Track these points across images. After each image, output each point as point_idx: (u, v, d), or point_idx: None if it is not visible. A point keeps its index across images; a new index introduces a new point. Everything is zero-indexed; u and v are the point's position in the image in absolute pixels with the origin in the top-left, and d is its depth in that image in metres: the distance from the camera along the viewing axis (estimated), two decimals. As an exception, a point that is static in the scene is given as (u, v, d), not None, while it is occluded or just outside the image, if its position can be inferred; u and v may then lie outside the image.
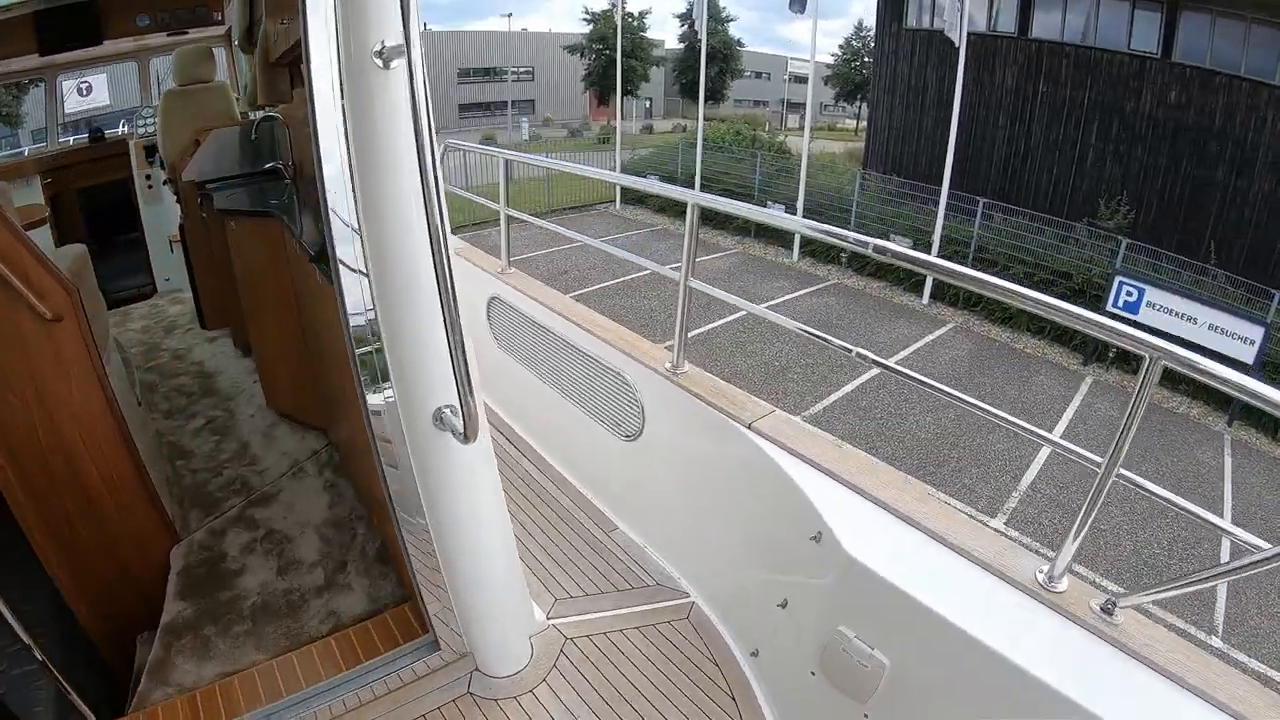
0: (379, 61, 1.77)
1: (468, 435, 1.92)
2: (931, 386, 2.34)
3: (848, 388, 12.31)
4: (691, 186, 21.76)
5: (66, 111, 6.84)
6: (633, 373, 3.47)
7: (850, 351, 2.57)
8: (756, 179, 21.20)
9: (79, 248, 3.68)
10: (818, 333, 2.79)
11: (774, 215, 2.92)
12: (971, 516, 8.88)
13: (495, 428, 4.54)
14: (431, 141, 1.61)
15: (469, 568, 2.52)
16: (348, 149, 1.89)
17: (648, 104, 57.04)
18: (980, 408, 2.19)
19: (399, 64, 1.76)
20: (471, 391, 1.88)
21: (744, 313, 14.81)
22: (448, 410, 2.15)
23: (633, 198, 24.49)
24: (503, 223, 4.72)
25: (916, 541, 2.21)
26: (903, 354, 13.76)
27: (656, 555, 3.51)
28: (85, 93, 7.01)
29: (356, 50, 1.78)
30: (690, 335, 13.38)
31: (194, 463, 3.91)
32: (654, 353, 3.48)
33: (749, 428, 2.84)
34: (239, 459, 3.98)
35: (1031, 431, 2.12)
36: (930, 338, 14.70)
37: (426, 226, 1.74)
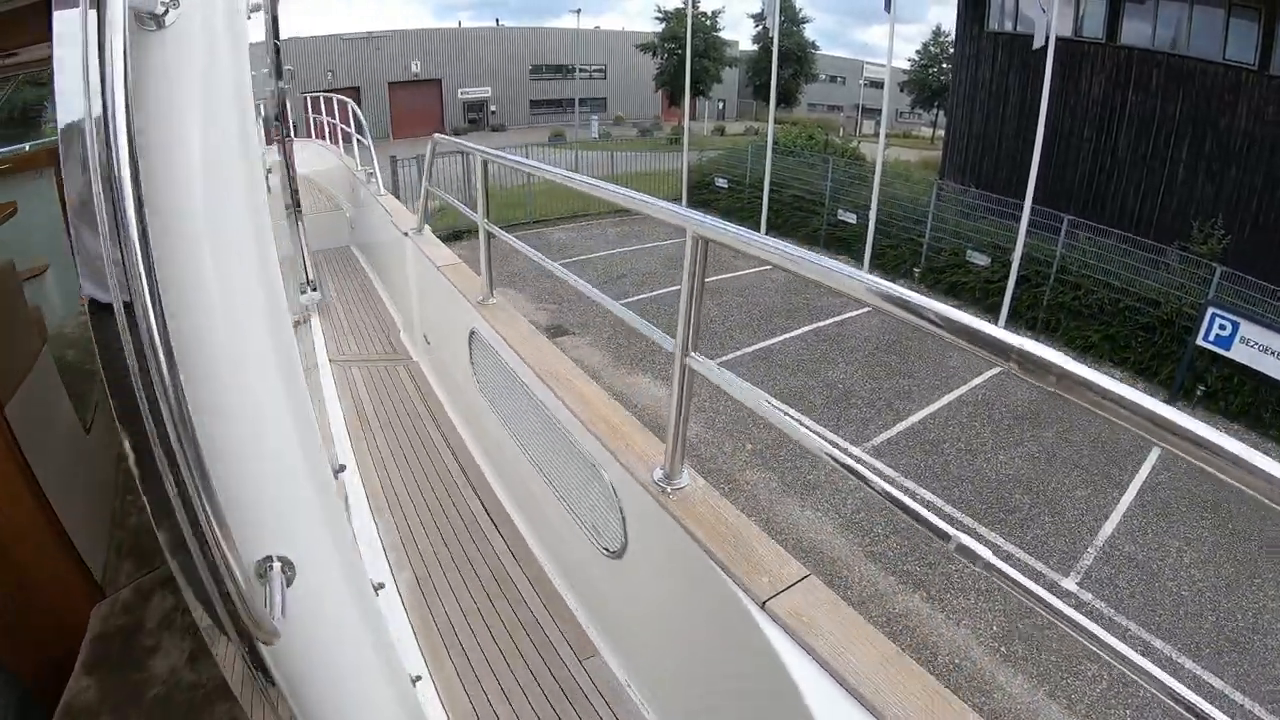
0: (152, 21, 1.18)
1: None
2: None
3: (914, 418, 11.58)
4: (760, 191, 21.21)
5: None
6: (614, 475, 2.62)
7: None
8: (828, 185, 20.50)
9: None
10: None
11: (794, 254, 1.77)
12: (1042, 574, 8.37)
13: (472, 485, 4.20)
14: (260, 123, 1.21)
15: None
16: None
17: (720, 105, 56.58)
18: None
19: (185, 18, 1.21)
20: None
21: (810, 328, 14.70)
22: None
23: (699, 199, 23.94)
24: (482, 238, 4.05)
25: None
26: (965, 389, 12.72)
27: (636, 696, 2.79)
28: None
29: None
30: (750, 349, 12.46)
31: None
32: (645, 450, 2.60)
33: (762, 607, 1.93)
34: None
35: None
36: (998, 369, 13.04)
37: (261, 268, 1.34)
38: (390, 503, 4.08)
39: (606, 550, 2.78)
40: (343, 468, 4.07)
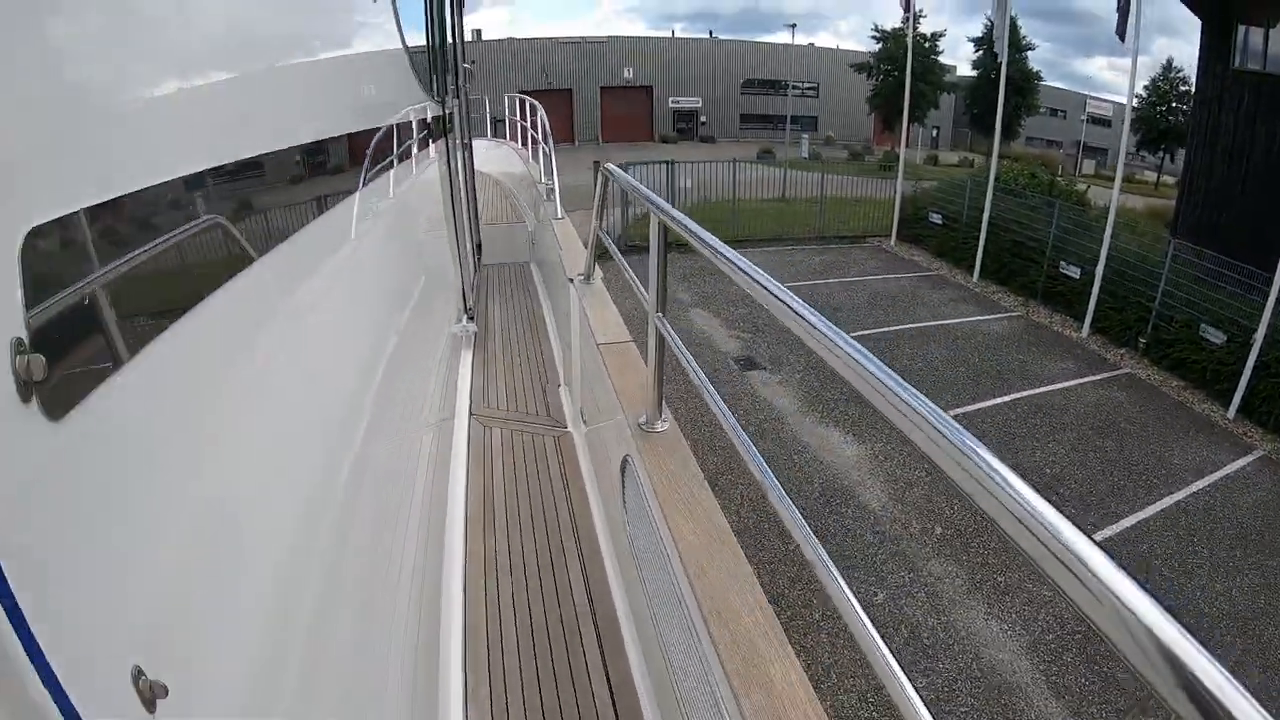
0: None
1: None
2: None
3: (1125, 522, 10.09)
4: (976, 231, 20.41)
5: None
6: None
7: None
8: (1052, 233, 18.94)
9: None
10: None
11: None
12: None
13: (602, 650, 3.27)
14: None
15: None
16: None
17: (934, 132, 55.05)
18: None
19: None
20: None
21: (1020, 396, 13.36)
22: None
23: (910, 234, 23.33)
24: (651, 343, 2.99)
25: None
26: (1185, 493, 10.82)
27: None
28: None
29: None
30: (955, 412, 12.19)
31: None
32: None
33: None
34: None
35: None
36: (1229, 469, 11.62)
37: None
38: (491, 657, 3.19)
39: None
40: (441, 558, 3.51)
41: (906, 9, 26.63)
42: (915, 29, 46.17)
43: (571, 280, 4.88)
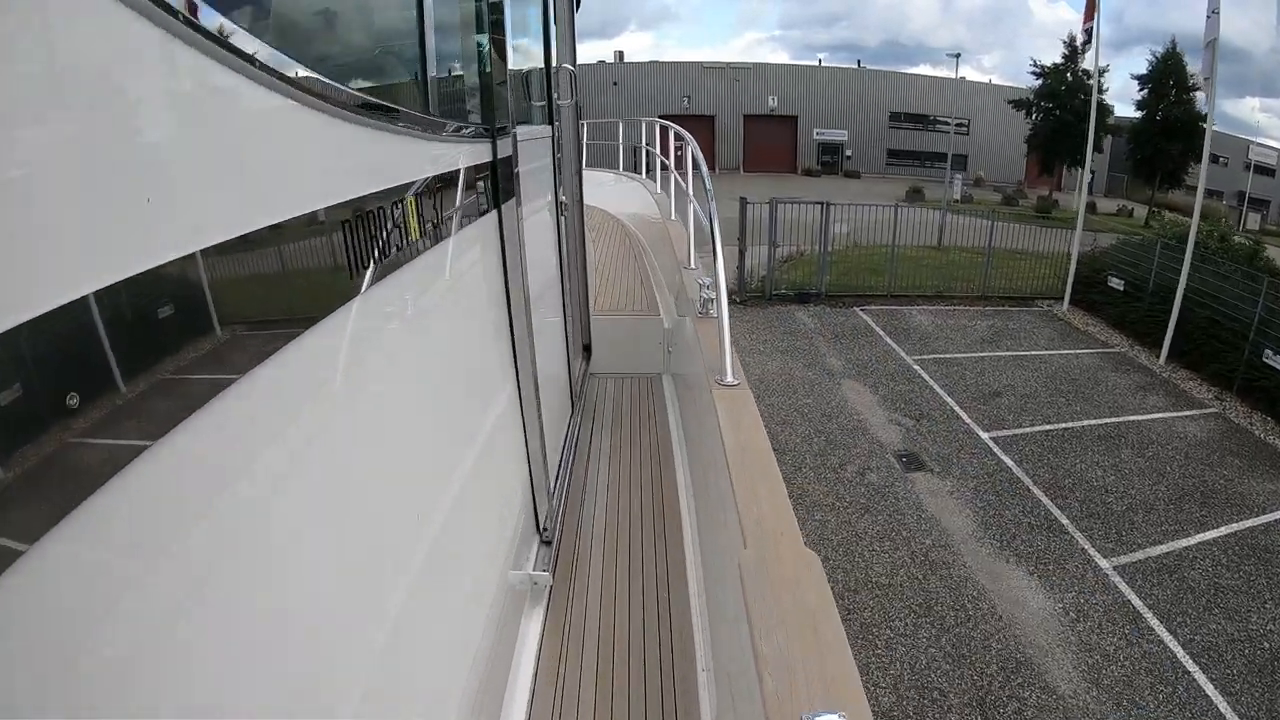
0: None
1: None
2: None
3: None
4: (1163, 302, 18.02)
5: None
6: None
7: None
8: (1258, 314, 16.02)
9: None
10: None
11: None
12: None
13: None
14: None
15: None
16: None
17: (1090, 177, 52.44)
18: None
19: None
20: None
21: (1236, 529, 10.81)
22: None
23: (1086, 299, 20.94)
24: None
25: None
26: None
27: None
28: None
29: None
30: (1154, 552, 10.34)
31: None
32: None
33: None
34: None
35: None
36: None
37: None
38: None
39: None
40: None
41: (1089, 39, 23.87)
42: (1078, 62, 44.23)
43: (714, 381, 3.53)
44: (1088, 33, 23.18)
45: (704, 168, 4.96)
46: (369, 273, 1.78)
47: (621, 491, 4.70)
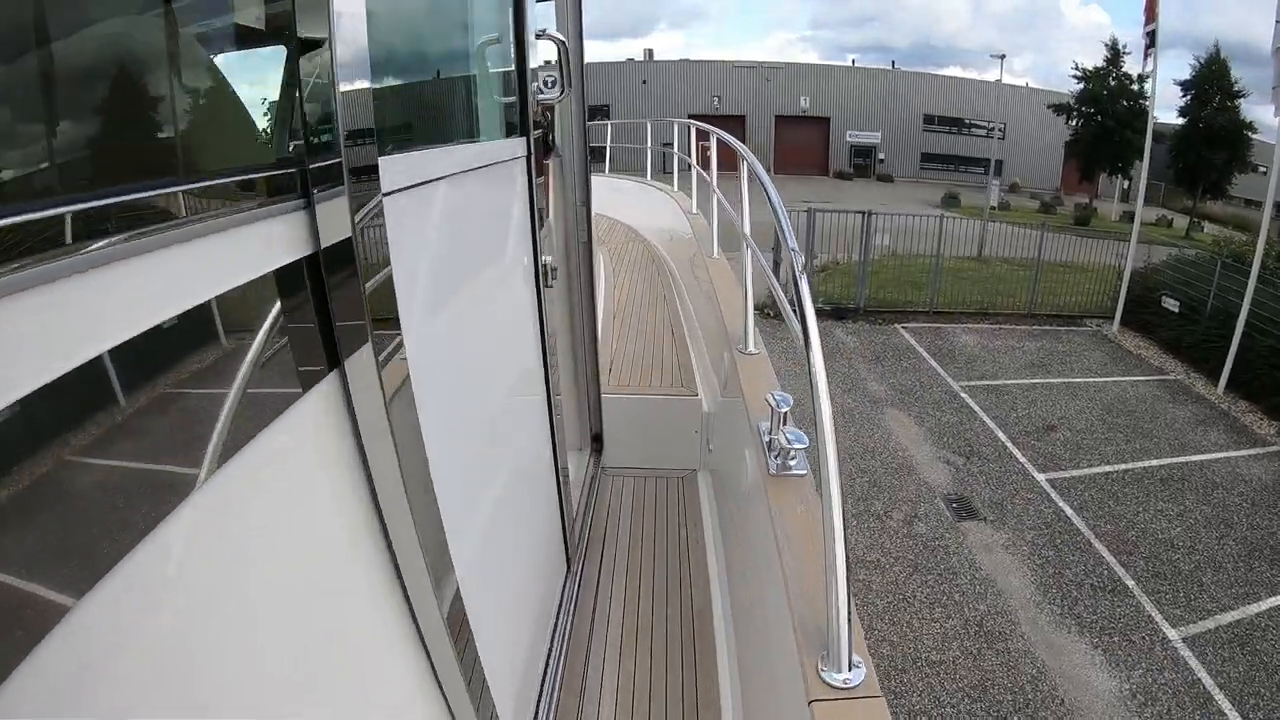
0: None
1: None
2: None
3: None
4: (1222, 327, 16.96)
5: None
6: None
7: None
8: None
9: None
10: None
11: None
12: None
13: None
14: None
15: None
16: None
17: (1126, 185, 51.25)
18: None
19: None
20: None
21: None
22: None
23: (1138, 320, 19.74)
24: None
25: None
26: None
27: None
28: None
29: None
30: (1226, 619, 9.46)
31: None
32: None
33: None
34: None
35: None
36: None
37: None
38: None
39: None
40: None
41: (1150, 43, 21.82)
42: (1119, 64, 43.02)
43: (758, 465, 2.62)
44: (1149, 35, 21.78)
45: (770, 187, 3.04)
46: None
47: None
